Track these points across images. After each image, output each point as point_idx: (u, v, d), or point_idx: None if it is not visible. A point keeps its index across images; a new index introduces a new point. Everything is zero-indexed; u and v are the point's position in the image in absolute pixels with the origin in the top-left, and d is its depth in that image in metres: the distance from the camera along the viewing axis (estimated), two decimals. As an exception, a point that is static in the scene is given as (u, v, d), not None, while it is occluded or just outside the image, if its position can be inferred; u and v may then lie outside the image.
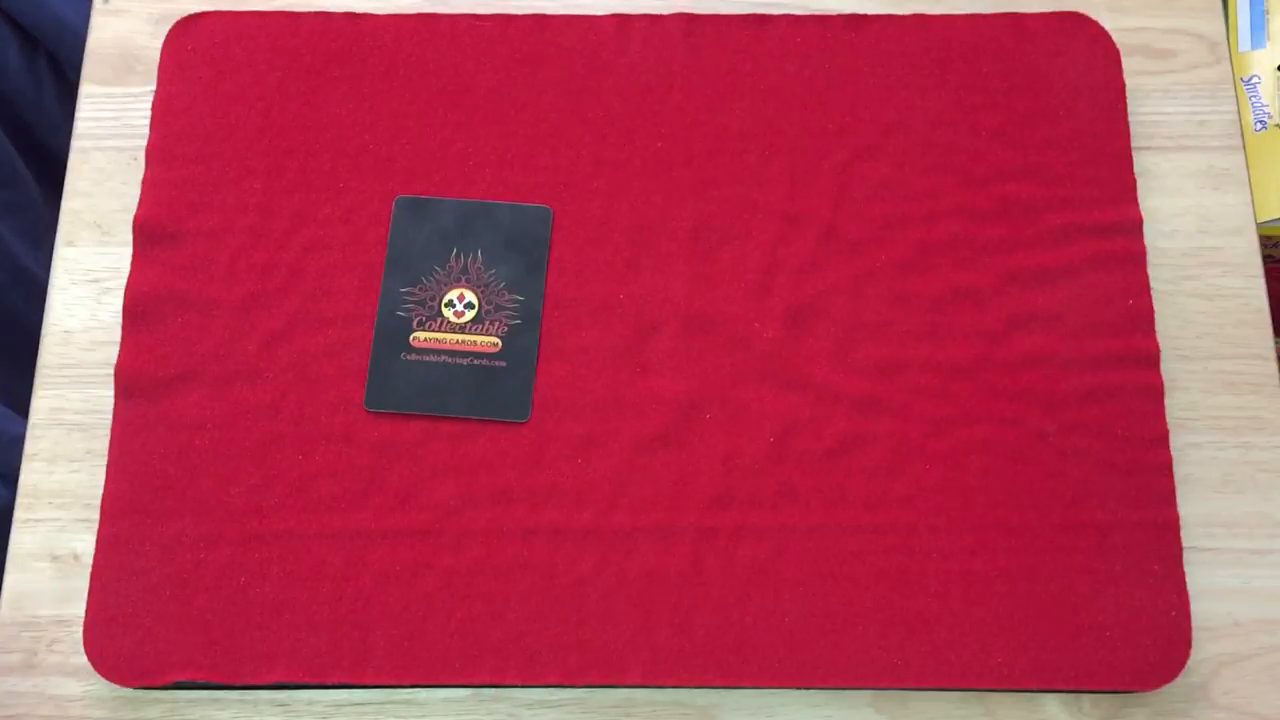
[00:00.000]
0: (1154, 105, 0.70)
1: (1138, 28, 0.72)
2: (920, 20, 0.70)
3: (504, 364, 0.63)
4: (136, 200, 0.67)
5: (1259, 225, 0.70)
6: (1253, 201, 0.68)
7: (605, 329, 0.64)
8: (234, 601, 0.60)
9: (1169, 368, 0.65)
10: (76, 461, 0.64)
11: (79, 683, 0.61)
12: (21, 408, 0.83)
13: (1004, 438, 0.62)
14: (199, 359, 0.63)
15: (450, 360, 0.64)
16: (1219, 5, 0.72)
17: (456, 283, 0.65)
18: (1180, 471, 0.63)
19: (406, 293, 0.65)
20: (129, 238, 0.67)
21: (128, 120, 0.70)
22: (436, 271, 0.65)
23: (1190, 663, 0.60)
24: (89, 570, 0.60)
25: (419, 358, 0.64)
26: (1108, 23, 0.70)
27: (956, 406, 0.63)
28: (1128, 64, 0.70)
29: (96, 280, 0.67)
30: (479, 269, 0.65)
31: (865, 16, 0.70)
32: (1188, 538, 0.62)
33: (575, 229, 0.66)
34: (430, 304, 0.64)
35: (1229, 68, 0.71)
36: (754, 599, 0.60)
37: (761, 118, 0.68)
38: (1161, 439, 0.62)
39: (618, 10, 0.71)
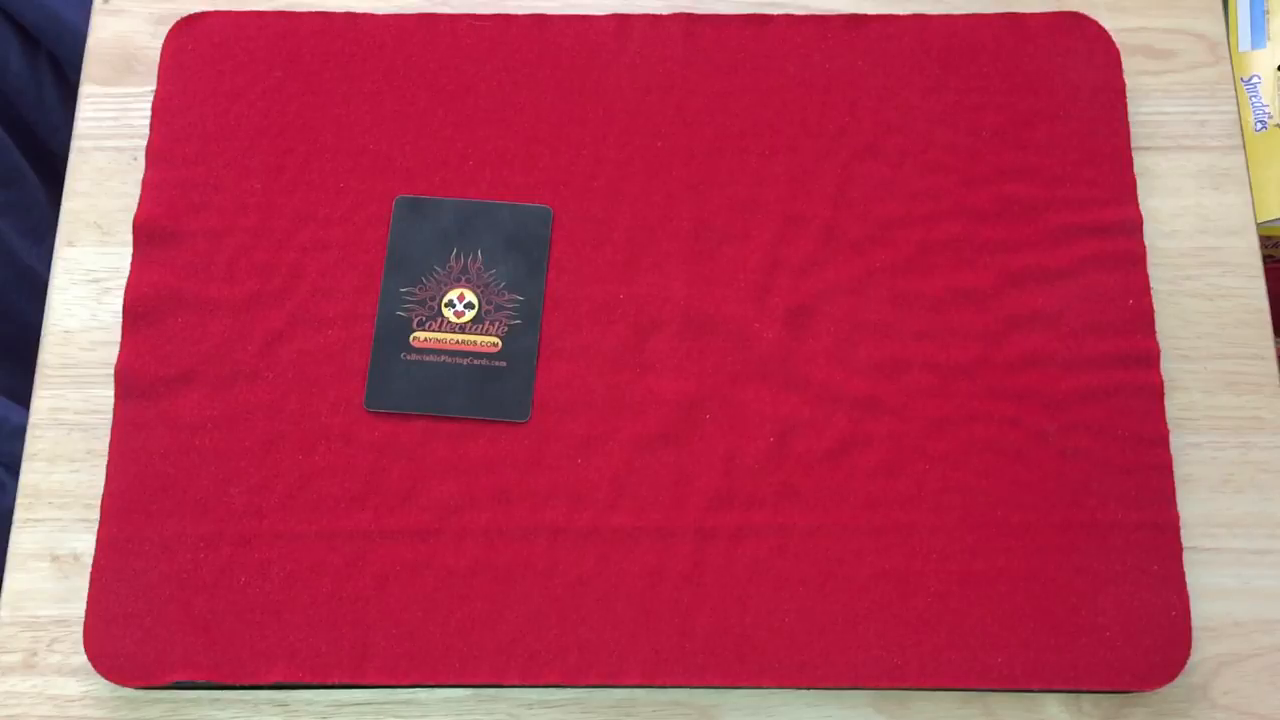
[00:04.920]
0: (1154, 105, 0.70)
1: (1138, 28, 0.72)
2: (920, 20, 0.70)
3: (504, 364, 0.63)
4: (136, 200, 0.67)
5: (1259, 225, 0.70)
6: (1253, 201, 0.68)
7: (605, 329, 0.64)
8: (234, 601, 0.60)
9: (1169, 368, 0.65)
10: (76, 461, 0.64)
11: (79, 683, 0.61)
12: (24, 405, 0.83)
13: (1004, 438, 0.62)
14: (199, 359, 0.63)
15: (450, 360, 0.64)
16: (1219, 5, 0.72)
17: (456, 283, 0.65)
18: (1180, 471, 0.63)
19: (406, 293, 0.65)
20: (129, 238, 0.67)
21: (128, 120, 0.70)
22: (436, 271, 0.65)
23: (1190, 663, 0.60)
24: (89, 570, 0.60)
25: (419, 358, 0.64)
26: (1108, 23, 0.70)
27: (956, 406, 0.63)
28: (1128, 64, 0.70)
29: (96, 280, 0.67)
30: (479, 269, 0.65)
31: (865, 16, 0.70)
32: (1188, 538, 0.62)
33: (575, 229, 0.66)
34: (430, 304, 0.64)
35: (1229, 68, 0.71)
36: (754, 599, 0.60)
37: (761, 118, 0.68)
38: (1161, 439, 0.62)
39: (618, 10, 0.71)
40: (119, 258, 0.67)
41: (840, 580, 0.60)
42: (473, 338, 0.64)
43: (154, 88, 0.69)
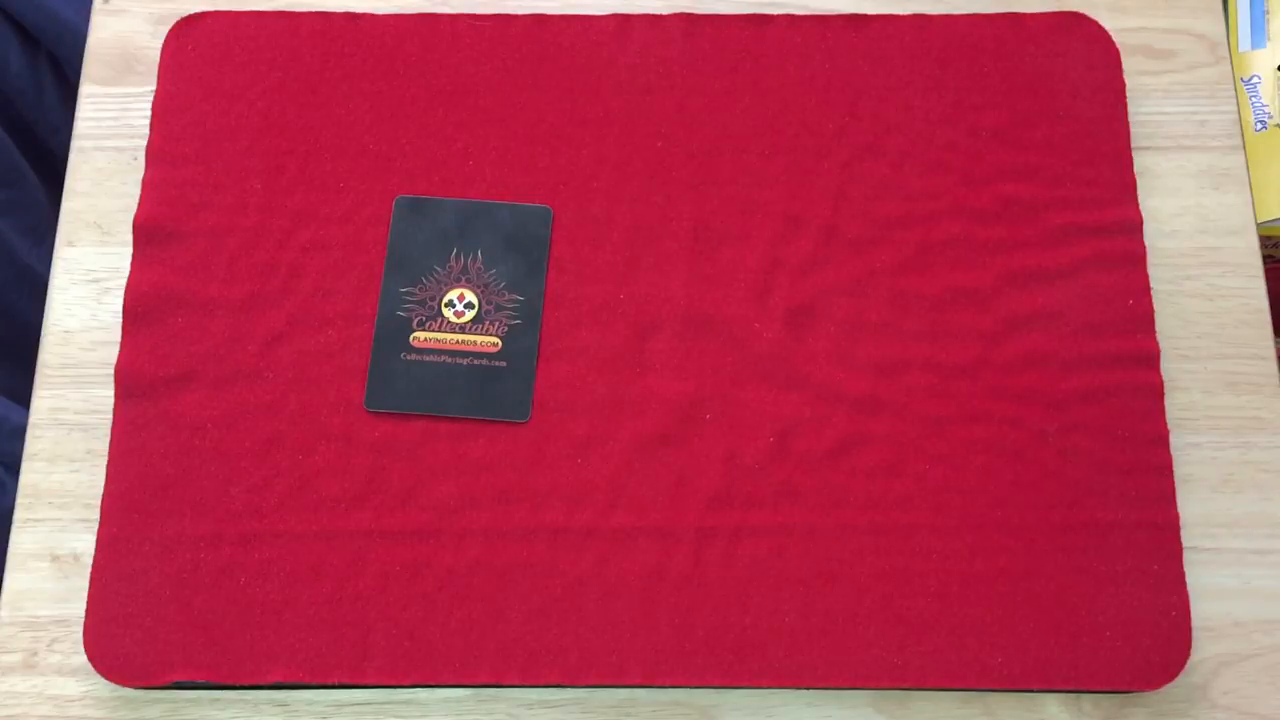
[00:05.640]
0: (1154, 105, 0.70)
1: (1138, 28, 0.72)
2: (920, 20, 0.69)
3: (504, 364, 0.63)
4: (136, 200, 0.67)
5: (1259, 225, 0.70)
6: (1253, 201, 0.68)
7: (605, 329, 0.64)
8: (234, 601, 0.60)
9: (1169, 368, 0.65)
10: (76, 461, 0.64)
11: (79, 683, 0.61)
12: (24, 405, 0.83)
13: (1004, 438, 0.62)
14: (199, 359, 0.63)
15: (450, 360, 0.64)
16: (1219, 5, 0.72)
17: (456, 283, 0.65)
18: (1180, 471, 0.63)
19: (406, 293, 0.65)
20: (129, 238, 0.67)
21: (128, 120, 0.70)
22: (436, 271, 0.65)
23: (1190, 663, 0.60)
24: (89, 570, 0.60)
25: (419, 358, 0.64)
26: (1108, 23, 0.70)
27: (956, 406, 0.63)
28: (1128, 64, 0.70)
29: (96, 280, 0.67)
30: (479, 269, 0.65)
31: (865, 16, 0.70)
32: (1188, 538, 0.62)
33: (575, 229, 0.66)
34: (430, 304, 0.64)
35: (1229, 68, 0.71)
36: (754, 599, 0.60)
37: (761, 118, 0.68)
38: (1161, 439, 0.62)
39: (618, 10, 0.71)
40: (119, 258, 0.67)
41: (840, 580, 0.60)
42: (473, 338, 0.64)
43: (154, 88, 0.69)
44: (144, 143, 0.69)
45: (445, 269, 0.65)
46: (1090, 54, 0.69)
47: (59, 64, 0.97)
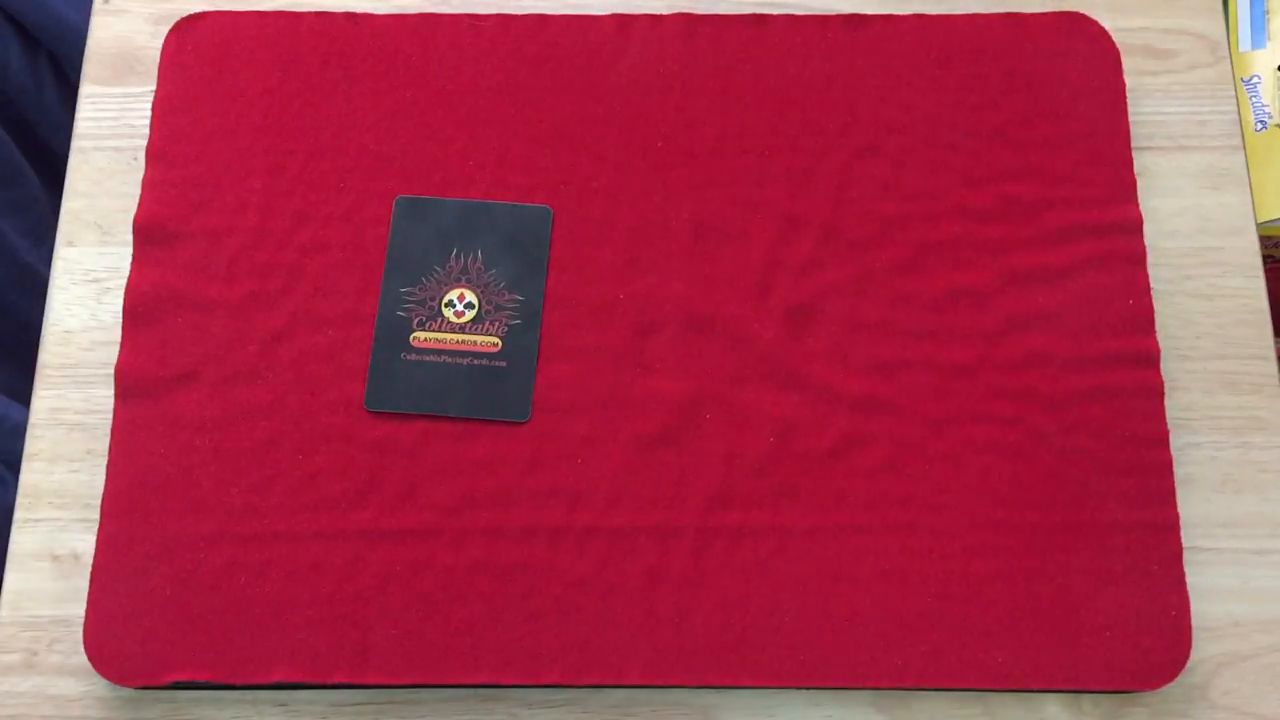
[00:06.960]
0: (1154, 105, 0.70)
1: (1138, 28, 0.72)
2: (920, 20, 0.70)
3: (504, 364, 0.63)
4: (136, 200, 0.67)
5: (1259, 225, 0.70)
6: (1253, 201, 0.68)
7: (605, 329, 0.64)
8: (234, 601, 0.60)
9: (1169, 368, 0.65)
10: (76, 461, 0.64)
11: (79, 683, 0.61)
12: (24, 405, 0.83)
13: (1004, 438, 0.62)
14: (199, 359, 0.63)
15: (450, 360, 0.64)
16: (1219, 5, 0.72)
17: (456, 283, 0.65)
18: (1180, 471, 0.63)
19: (406, 293, 0.65)
20: (129, 238, 0.67)
21: (128, 120, 0.70)
22: (436, 271, 0.65)
23: (1190, 663, 0.60)
24: (89, 570, 0.60)
25: (419, 358, 0.64)
26: (1108, 23, 0.70)
27: (956, 406, 0.63)
28: (1128, 64, 0.70)
29: (96, 280, 0.67)
30: (479, 269, 0.65)
31: (865, 16, 0.70)
32: (1188, 538, 0.62)
33: (575, 229, 0.66)
34: (430, 304, 0.64)
35: (1229, 68, 0.71)
36: (754, 599, 0.60)
37: (761, 118, 0.68)
38: (1161, 439, 0.62)
39: (618, 10, 0.71)
40: (119, 258, 0.67)
41: (840, 580, 0.60)
42: (473, 338, 0.64)
43: (154, 88, 0.69)
44: (144, 143, 0.69)
45: (445, 269, 0.65)
46: (1090, 54, 0.69)
47: (59, 64, 0.97)
